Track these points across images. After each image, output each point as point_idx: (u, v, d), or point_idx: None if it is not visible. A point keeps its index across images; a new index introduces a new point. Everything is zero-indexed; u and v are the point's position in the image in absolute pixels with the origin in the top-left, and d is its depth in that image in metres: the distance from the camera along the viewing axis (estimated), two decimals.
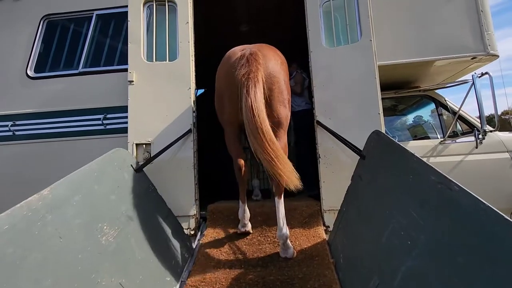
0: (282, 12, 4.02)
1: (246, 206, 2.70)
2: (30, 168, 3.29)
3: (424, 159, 2.68)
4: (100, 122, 3.23)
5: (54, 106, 3.33)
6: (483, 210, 1.12)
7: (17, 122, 3.33)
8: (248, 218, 2.72)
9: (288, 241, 2.40)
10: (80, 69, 3.41)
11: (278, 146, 2.11)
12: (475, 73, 3.23)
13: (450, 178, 1.32)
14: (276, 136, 2.36)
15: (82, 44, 3.50)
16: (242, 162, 2.58)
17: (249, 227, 2.72)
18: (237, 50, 2.54)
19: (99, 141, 3.21)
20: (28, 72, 3.46)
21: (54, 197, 1.69)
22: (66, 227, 1.67)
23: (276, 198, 2.41)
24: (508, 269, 0.98)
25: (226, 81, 2.47)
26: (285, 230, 2.37)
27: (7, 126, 3.32)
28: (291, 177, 2.09)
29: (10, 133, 3.33)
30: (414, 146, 3.47)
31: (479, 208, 1.13)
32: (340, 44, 3.05)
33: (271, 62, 2.45)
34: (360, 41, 2.95)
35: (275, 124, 2.40)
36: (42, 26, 3.57)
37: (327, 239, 2.56)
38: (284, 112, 2.49)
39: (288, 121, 2.58)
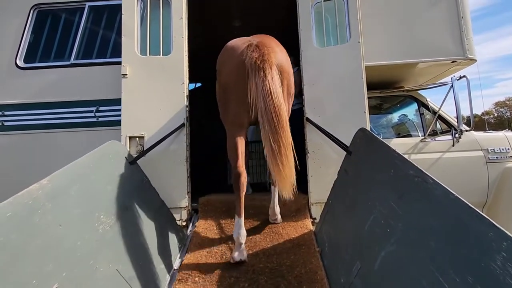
0: (275, 10, 4.10)
1: (243, 221, 2.30)
2: (19, 160, 3.27)
3: (406, 156, 2.87)
4: (92, 114, 3.24)
5: (44, 97, 3.30)
6: (452, 200, 1.27)
7: (6, 113, 3.29)
8: (245, 238, 2.29)
9: (278, 215, 2.76)
10: (72, 61, 3.39)
11: (290, 139, 1.99)
12: (454, 76, 3.44)
13: (426, 172, 1.47)
14: None
15: (74, 35, 3.47)
16: (242, 170, 2.29)
17: (245, 254, 2.27)
18: (239, 42, 2.31)
19: (91, 133, 3.23)
20: (18, 62, 3.41)
21: (54, 186, 1.74)
22: (65, 216, 1.72)
23: (272, 187, 2.66)
24: (471, 251, 1.13)
25: (234, 74, 2.21)
26: (277, 209, 2.72)
27: None
28: (289, 177, 1.96)
29: None
30: (397, 144, 3.66)
31: (449, 198, 1.28)
32: (330, 44, 3.18)
33: (280, 54, 2.25)
34: (349, 42, 3.09)
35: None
36: (32, 15, 3.50)
37: (313, 230, 2.70)
38: (287, 108, 2.34)
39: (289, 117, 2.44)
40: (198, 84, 6.25)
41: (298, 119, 3.43)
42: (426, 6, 3.44)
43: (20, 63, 3.41)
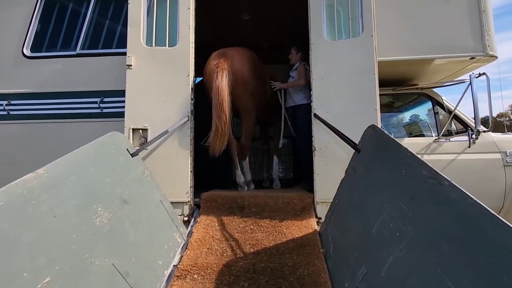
0: (284, 3, 3.98)
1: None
2: (24, 149, 3.27)
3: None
4: (96, 105, 3.21)
5: (50, 87, 3.28)
6: (470, 204, 1.15)
7: (12, 102, 3.29)
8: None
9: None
10: (78, 51, 3.35)
11: (229, 119, 2.96)
12: (473, 73, 3.26)
13: (441, 173, 1.35)
14: (243, 118, 3.37)
15: (80, 25, 3.43)
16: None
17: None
18: (214, 53, 3.25)
19: (95, 124, 3.19)
20: (25, 51, 3.40)
21: (50, 176, 1.69)
22: (61, 207, 1.68)
23: (242, 160, 3.49)
24: (490, 260, 1.02)
25: (205, 76, 3.27)
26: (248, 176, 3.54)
27: (1, 105, 3.28)
28: (215, 143, 2.93)
29: (5, 113, 3.29)
30: (409, 143, 3.50)
31: (467, 202, 1.17)
32: (342, 37, 3.05)
33: (236, 62, 3.17)
34: (361, 35, 2.96)
35: (243, 108, 3.29)
36: (40, 4, 3.49)
37: (318, 230, 2.60)
38: (249, 99, 3.29)
39: (254, 107, 3.37)
40: None
41: (306, 114, 3.32)
42: None
43: (27, 52, 3.40)
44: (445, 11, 3.26)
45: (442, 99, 3.74)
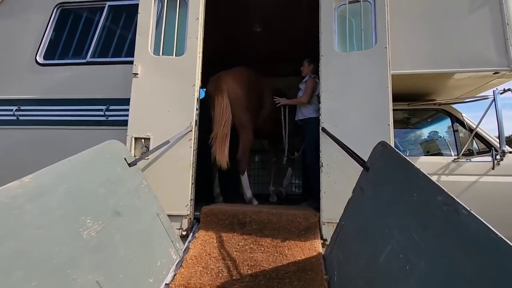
0: (295, 14, 3.92)
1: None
2: (30, 154, 3.29)
3: (435, 177, 2.49)
4: (102, 113, 3.20)
5: (58, 94, 3.32)
6: (493, 240, 0.97)
7: (22, 107, 3.34)
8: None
9: None
10: (88, 59, 3.39)
11: (227, 136, 3.34)
12: (496, 89, 3.03)
13: (458, 200, 1.17)
14: (240, 133, 3.56)
15: (92, 34, 3.49)
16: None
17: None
18: (212, 76, 3.60)
19: (99, 132, 3.17)
20: (38, 58, 3.47)
21: (37, 185, 1.62)
22: (46, 218, 1.60)
23: (240, 175, 3.60)
24: None
25: (207, 98, 3.62)
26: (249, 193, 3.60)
27: (11, 110, 3.33)
28: (219, 155, 3.26)
29: (14, 118, 3.34)
30: (425, 162, 3.28)
31: (489, 238, 0.98)
32: (353, 49, 2.92)
33: (231, 84, 3.48)
34: (374, 47, 2.82)
35: (239, 125, 3.51)
36: (55, 13, 3.59)
37: (323, 253, 2.41)
38: (245, 117, 3.52)
39: (250, 123, 3.57)
40: None
41: (315, 128, 3.17)
42: (465, 10, 3.08)
43: (40, 59, 3.48)
44: (466, 23, 3.07)
45: (462, 116, 3.50)
